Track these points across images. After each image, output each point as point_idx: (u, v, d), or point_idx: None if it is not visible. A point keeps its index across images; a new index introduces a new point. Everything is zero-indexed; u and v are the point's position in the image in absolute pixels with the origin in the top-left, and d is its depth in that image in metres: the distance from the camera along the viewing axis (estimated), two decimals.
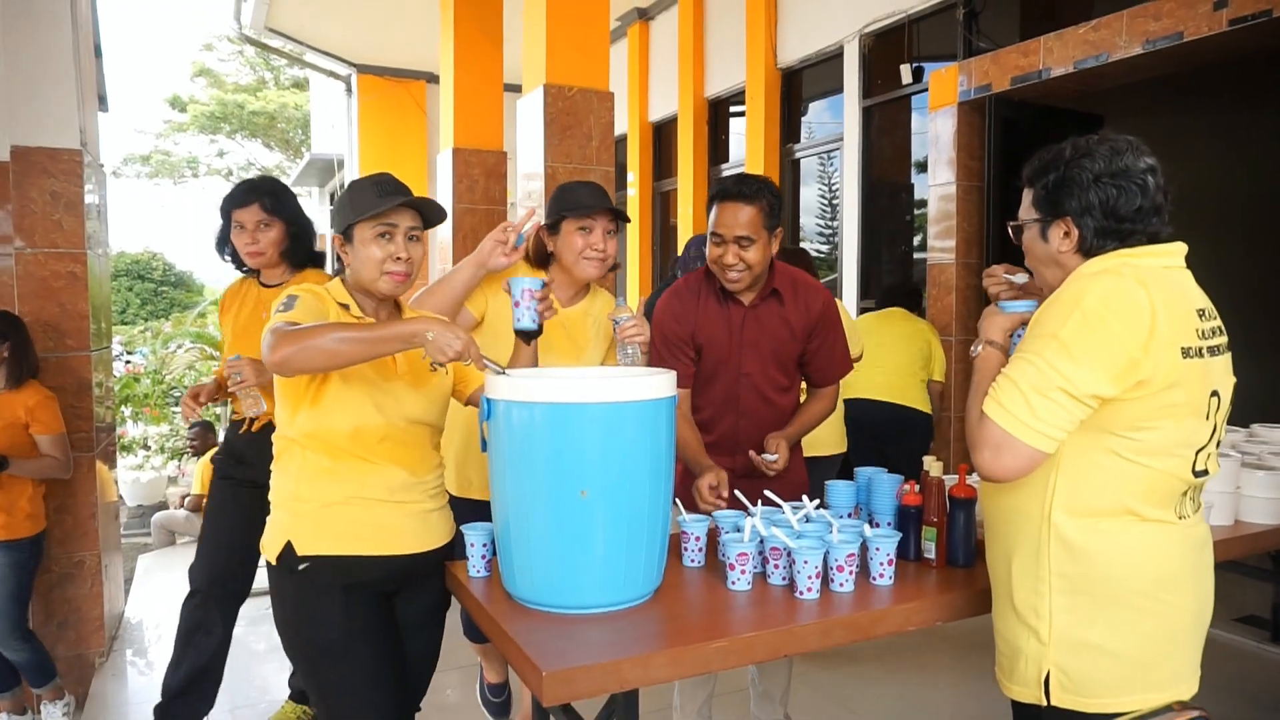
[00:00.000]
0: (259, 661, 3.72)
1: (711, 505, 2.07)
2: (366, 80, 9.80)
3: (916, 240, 5.82)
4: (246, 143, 20.70)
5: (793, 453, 2.39)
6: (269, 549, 1.78)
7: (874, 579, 1.78)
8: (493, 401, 1.64)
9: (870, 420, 4.22)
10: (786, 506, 1.92)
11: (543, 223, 2.29)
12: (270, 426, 2.07)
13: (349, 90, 10.12)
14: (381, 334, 1.58)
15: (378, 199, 1.75)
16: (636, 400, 1.59)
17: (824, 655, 3.46)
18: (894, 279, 5.74)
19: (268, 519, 1.82)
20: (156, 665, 3.61)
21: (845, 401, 4.22)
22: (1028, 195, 1.57)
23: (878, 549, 1.77)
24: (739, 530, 1.85)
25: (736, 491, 2.03)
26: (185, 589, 2.79)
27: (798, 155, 6.79)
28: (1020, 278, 1.68)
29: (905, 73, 5.52)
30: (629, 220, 2.32)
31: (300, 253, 2.69)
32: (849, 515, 2.10)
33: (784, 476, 2.31)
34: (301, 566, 1.73)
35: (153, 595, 4.70)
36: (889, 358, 4.34)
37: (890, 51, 5.76)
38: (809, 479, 2.48)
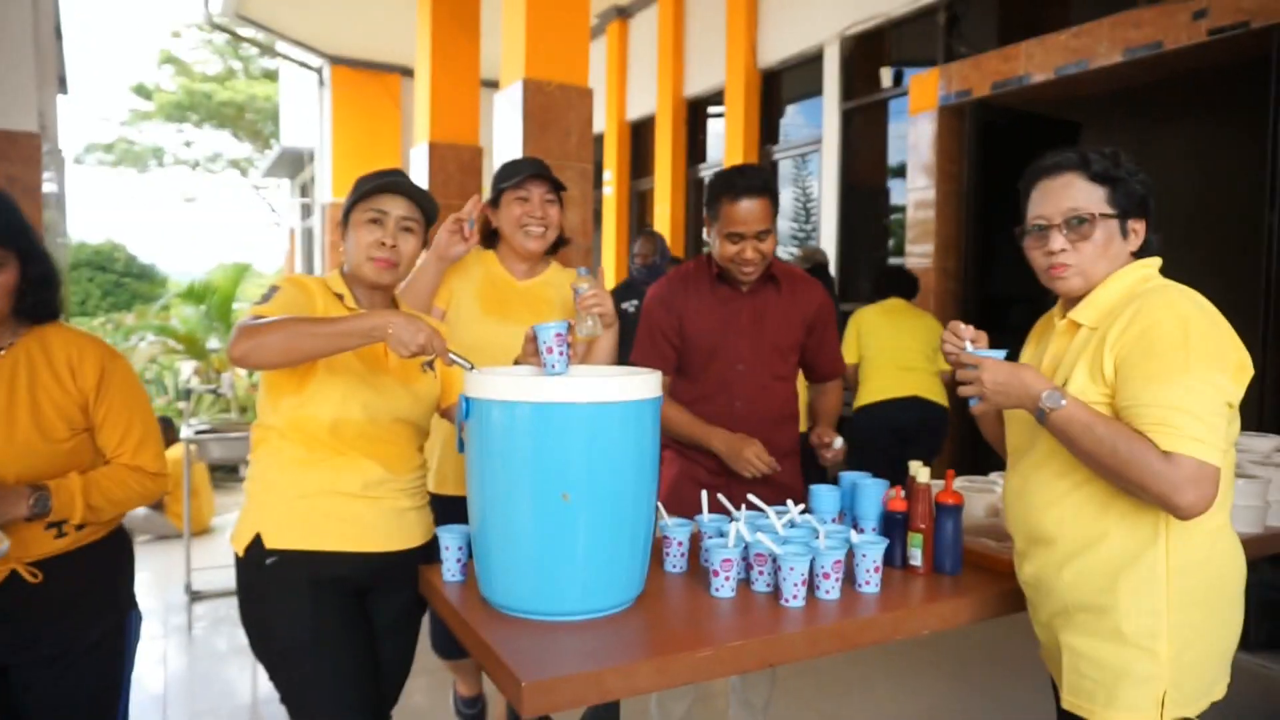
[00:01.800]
0: (222, 663, 3.61)
1: (764, 466, 2.21)
2: (340, 72, 9.66)
3: (892, 244, 5.82)
4: (214, 133, 20.35)
5: (786, 459, 2.36)
6: (237, 541, 1.71)
7: (860, 586, 1.74)
8: (472, 401, 1.58)
9: (895, 422, 4.08)
10: (771, 511, 1.87)
11: (485, 200, 2.32)
12: (14, 577, 1.62)
13: (321, 82, 9.98)
14: (341, 329, 1.53)
15: (373, 185, 1.75)
16: (621, 401, 1.54)
17: (802, 662, 3.43)
18: (886, 269, 5.12)
19: (240, 510, 1.74)
20: None
21: (867, 407, 4.16)
22: (1104, 190, 1.48)
23: (864, 555, 1.73)
24: (722, 535, 1.80)
25: (720, 496, 1.98)
26: (143, 587, 2.66)
27: (776, 157, 6.78)
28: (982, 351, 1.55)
29: (885, 76, 5.53)
30: (565, 189, 2.33)
31: (45, 304, 1.67)
32: (833, 521, 2.06)
33: (779, 479, 2.30)
34: (269, 560, 1.67)
35: None
36: (902, 354, 4.22)
37: (870, 54, 5.76)
38: None
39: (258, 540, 1.68)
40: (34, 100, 3.56)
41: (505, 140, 4.80)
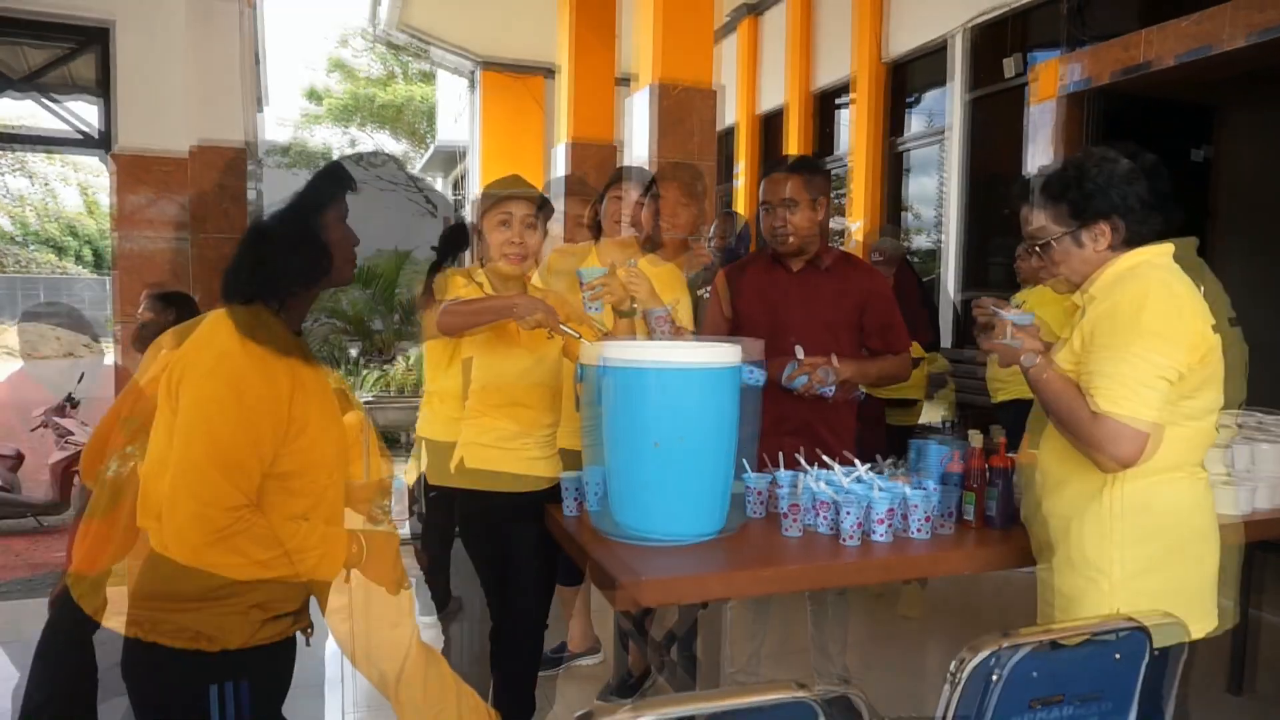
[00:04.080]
0: None
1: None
2: (489, 75, 10.31)
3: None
4: (376, 133, 21.87)
5: (847, 429, 2.59)
6: (409, 477, 2.18)
7: (912, 533, 2.02)
8: (583, 367, 1.97)
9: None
10: (839, 469, 2.17)
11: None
12: None
13: (472, 84, 10.69)
14: (480, 307, 1.98)
15: (499, 194, 2.16)
16: (700, 367, 1.89)
17: (885, 629, 3.67)
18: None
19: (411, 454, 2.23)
20: None
21: (1000, 406, 3.84)
22: (1049, 212, 1.76)
23: (915, 506, 2.01)
24: (795, 487, 2.12)
25: (796, 455, 2.29)
26: None
27: (902, 147, 6.87)
28: (1011, 314, 1.81)
29: (1009, 65, 5.56)
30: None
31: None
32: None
33: (837, 444, 2.50)
34: (431, 494, 2.12)
35: None
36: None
37: (996, 44, 5.79)
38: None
39: (422, 478, 2.15)
40: (240, 119, 4.23)
41: (636, 140, 5.18)
